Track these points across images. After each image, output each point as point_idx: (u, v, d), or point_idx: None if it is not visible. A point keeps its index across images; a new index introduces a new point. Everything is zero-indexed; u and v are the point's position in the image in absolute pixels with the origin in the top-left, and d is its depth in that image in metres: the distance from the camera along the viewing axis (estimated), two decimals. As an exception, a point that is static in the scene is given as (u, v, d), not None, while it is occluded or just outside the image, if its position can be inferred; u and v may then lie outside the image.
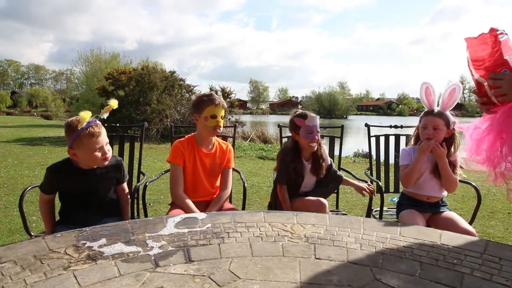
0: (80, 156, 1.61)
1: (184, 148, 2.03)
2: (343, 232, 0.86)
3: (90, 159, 1.61)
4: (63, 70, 68.95)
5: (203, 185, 2.01)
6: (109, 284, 0.63)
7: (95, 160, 1.62)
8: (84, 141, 1.57)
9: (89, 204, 1.68)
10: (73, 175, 1.64)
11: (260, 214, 0.99)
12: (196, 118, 2.00)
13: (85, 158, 1.61)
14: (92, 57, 19.39)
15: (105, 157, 1.65)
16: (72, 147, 1.59)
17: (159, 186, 4.78)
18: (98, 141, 1.60)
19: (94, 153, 1.60)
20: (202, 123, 1.97)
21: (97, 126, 1.61)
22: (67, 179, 1.64)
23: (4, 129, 14.63)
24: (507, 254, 0.75)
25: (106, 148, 1.64)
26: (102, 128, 1.64)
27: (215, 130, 1.97)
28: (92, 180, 1.66)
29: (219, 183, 2.09)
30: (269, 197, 2.30)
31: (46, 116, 27.02)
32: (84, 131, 1.57)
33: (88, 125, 1.59)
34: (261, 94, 78.88)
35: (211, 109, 1.94)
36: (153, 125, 10.83)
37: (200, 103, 1.97)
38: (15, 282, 0.63)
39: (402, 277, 0.66)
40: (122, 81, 11.69)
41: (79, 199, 1.66)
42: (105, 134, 1.65)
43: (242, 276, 0.65)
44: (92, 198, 1.68)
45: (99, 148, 1.61)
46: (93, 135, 1.58)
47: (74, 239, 0.80)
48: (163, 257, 0.73)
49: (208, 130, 1.97)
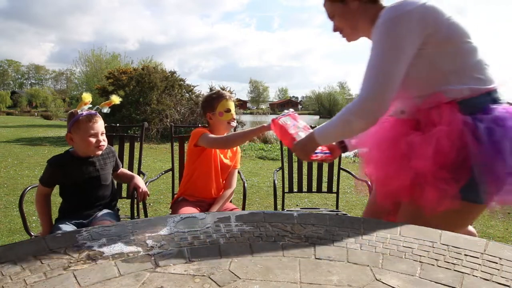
0: (76, 141, 1.72)
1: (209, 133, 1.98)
2: (343, 232, 0.86)
3: (84, 144, 1.71)
4: (63, 70, 68.90)
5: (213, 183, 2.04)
6: (109, 284, 0.63)
7: (89, 145, 1.71)
8: (80, 126, 1.68)
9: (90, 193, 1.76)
10: (73, 165, 1.73)
11: (260, 214, 0.99)
12: (210, 117, 2.02)
13: (80, 143, 1.71)
14: (93, 57, 19.39)
15: (99, 146, 1.73)
16: (70, 131, 1.71)
17: (159, 186, 4.77)
18: (94, 127, 1.70)
19: (89, 138, 1.69)
20: (217, 120, 2.00)
21: (96, 114, 1.73)
22: (68, 169, 1.72)
23: (4, 129, 14.63)
24: (507, 254, 0.75)
25: (101, 137, 1.73)
26: (99, 118, 1.74)
27: (230, 124, 2.01)
28: (92, 168, 1.75)
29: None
30: (269, 197, 2.30)
31: (46, 116, 27.03)
32: (82, 116, 1.69)
33: (87, 113, 1.70)
34: (261, 94, 78.88)
35: (224, 103, 1.98)
36: (153, 125, 10.83)
37: (211, 100, 2.01)
38: (15, 282, 0.63)
39: (402, 277, 0.66)
40: (122, 81, 11.69)
41: (81, 188, 1.73)
42: (102, 125, 1.75)
43: (242, 276, 0.65)
44: (93, 186, 1.76)
45: (93, 134, 1.70)
46: (90, 120, 1.69)
47: (74, 239, 0.80)
48: (163, 257, 0.73)
49: (224, 126, 2.01)
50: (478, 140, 1.05)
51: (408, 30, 1.12)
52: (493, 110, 1.10)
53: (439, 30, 1.13)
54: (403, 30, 1.12)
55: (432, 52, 1.14)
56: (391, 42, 1.14)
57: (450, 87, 1.13)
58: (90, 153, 1.74)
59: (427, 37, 1.13)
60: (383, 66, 1.14)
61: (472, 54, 1.16)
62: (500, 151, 1.03)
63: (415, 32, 1.12)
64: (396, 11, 1.14)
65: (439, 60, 1.14)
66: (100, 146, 1.73)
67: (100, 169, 1.77)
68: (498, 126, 1.06)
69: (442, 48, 1.14)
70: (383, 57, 1.15)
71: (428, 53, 1.14)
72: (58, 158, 1.76)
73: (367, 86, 1.16)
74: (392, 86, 1.13)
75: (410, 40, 1.12)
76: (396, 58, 1.13)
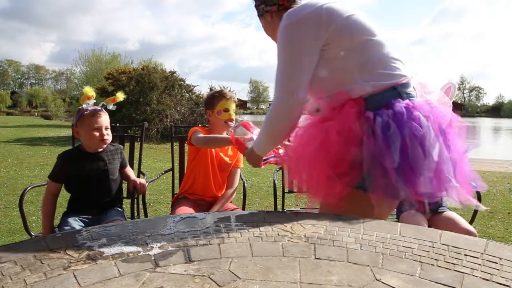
0: (82, 134, 1.80)
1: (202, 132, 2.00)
2: (343, 232, 0.86)
3: (88, 137, 1.78)
4: (63, 70, 68.91)
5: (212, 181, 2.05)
6: (109, 284, 0.63)
7: (92, 138, 1.77)
8: (85, 120, 1.76)
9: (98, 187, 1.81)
10: (82, 159, 1.80)
11: (260, 214, 0.99)
12: (210, 114, 2.06)
13: (85, 136, 1.79)
14: (93, 57, 19.40)
15: (103, 139, 1.79)
16: (76, 125, 1.79)
17: (159, 186, 4.78)
18: (98, 121, 1.77)
19: (93, 132, 1.76)
20: (216, 118, 2.03)
21: (100, 110, 1.81)
22: (77, 162, 1.79)
23: (4, 129, 14.63)
24: (507, 254, 0.75)
25: (105, 131, 1.79)
26: (104, 113, 1.82)
27: (228, 124, 2.02)
28: (101, 163, 1.83)
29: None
30: (269, 197, 2.31)
31: (46, 116, 27.04)
32: (87, 111, 1.77)
33: (93, 108, 1.79)
34: (261, 94, 78.89)
35: (223, 103, 2.01)
36: (153, 125, 10.83)
37: (212, 99, 2.04)
38: (15, 282, 0.63)
39: (402, 277, 0.66)
40: (122, 81, 11.69)
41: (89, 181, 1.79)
42: (106, 120, 1.82)
43: (242, 276, 0.65)
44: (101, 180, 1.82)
45: (97, 128, 1.77)
46: (94, 114, 1.77)
47: (74, 239, 0.80)
48: (163, 257, 0.73)
49: (222, 124, 2.03)
50: (374, 135, 1.07)
51: (305, 34, 1.14)
52: (394, 105, 1.11)
53: (337, 30, 1.14)
54: (300, 35, 1.14)
55: (334, 52, 1.15)
56: (289, 49, 1.17)
57: (354, 85, 1.14)
58: (94, 146, 1.81)
59: (327, 39, 1.14)
60: (287, 72, 1.17)
61: (375, 50, 1.16)
62: (389, 146, 1.04)
63: (311, 35, 1.14)
64: (291, 18, 1.16)
65: (342, 59, 1.15)
66: (104, 139, 1.79)
67: (108, 163, 1.84)
68: (394, 121, 1.07)
69: (344, 47, 1.15)
70: (285, 64, 1.18)
71: (331, 53, 1.16)
72: (67, 152, 1.84)
73: (277, 93, 1.21)
74: (299, 90, 1.16)
75: (308, 43, 1.14)
76: (298, 63, 1.15)
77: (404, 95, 1.15)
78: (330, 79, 1.18)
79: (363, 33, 1.16)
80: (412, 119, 1.07)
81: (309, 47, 1.14)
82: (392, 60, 1.18)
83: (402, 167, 1.04)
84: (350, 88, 1.15)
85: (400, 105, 1.11)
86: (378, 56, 1.16)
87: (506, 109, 71.32)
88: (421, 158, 1.04)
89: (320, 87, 1.22)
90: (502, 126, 34.74)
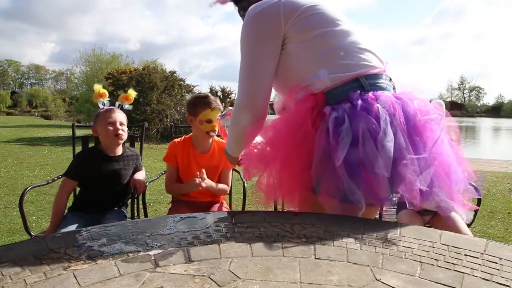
0: (99, 131, 1.85)
1: (177, 149, 2.02)
2: (343, 232, 0.86)
3: (104, 132, 1.83)
4: (63, 70, 68.91)
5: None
6: (109, 284, 0.63)
7: (107, 133, 1.82)
8: (101, 117, 1.84)
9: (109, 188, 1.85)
10: (100, 160, 1.84)
11: (260, 214, 0.99)
12: (191, 120, 1.95)
13: (101, 131, 1.84)
14: (94, 57, 19.38)
15: (118, 134, 1.83)
16: (95, 125, 1.87)
17: (159, 186, 4.78)
18: (112, 116, 1.83)
19: (107, 127, 1.81)
20: (197, 127, 1.93)
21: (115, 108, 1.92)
22: (95, 163, 1.83)
23: (4, 129, 14.62)
24: (507, 254, 0.75)
25: (119, 126, 1.84)
26: (119, 110, 1.89)
27: (209, 135, 1.94)
28: (116, 165, 1.87)
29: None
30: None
31: (46, 116, 27.05)
32: (103, 109, 1.86)
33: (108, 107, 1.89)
34: (261, 94, 78.69)
35: (207, 113, 1.89)
36: (153, 125, 10.83)
37: (195, 105, 1.92)
38: (15, 282, 0.63)
39: (402, 277, 0.66)
40: (122, 81, 11.69)
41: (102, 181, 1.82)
42: (122, 116, 1.88)
43: (242, 276, 0.65)
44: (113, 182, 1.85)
45: (111, 123, 1.82)
46: (108, 110, 1.85)
47: (74, 239, 0.80)
48: (163, 257, 0.73)
49: (203, 134, 1.94)
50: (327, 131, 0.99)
51: (265, 31, 1.09)
52: (352, 99, 1.02)
53: (296, 23, 1.08)
54: (260, 33, 1.10)
55: (294, 46, 1.10)
56: (249, 46, 1.13)
57: (313, 79, 1.07)
58: (110, 143, 1.85)
59: (287, 32, 1.09)
60: (247, 71, 1.13)
61: (336, 41, 1.09)
62: (338, 142, 0.96)
63: (269, 31, 1.09)
64: (249, 15, 1.12)
65: (301, 53, 1.09)
66: (118, 134, 1.82)
67: (123, 169, 1.88)
68: (348, 116, 0.98)
69: (303, 38, 1.09)
70: (245, 63, 1.13)
71: (291, 47, 1.10)
72: (85, 149, 1.91)
73: (238, 94, 1.17)
74: (260, 89, 1.12)
75: (266, 39, 1.10)
76: (257, 60, 1.11)
77: (367, 87, 1.04)
78: (292, 74, 1.13)
79: (323, 24, 1.09)
80: (368, 112, 0.97)
81: (267, 43, 1.10)
82: (357, 50, 1.09)
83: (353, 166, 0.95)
84: (311, 83, 1.08)
85: (358, 96, 1.01)
86: (340, 46, 1.08)
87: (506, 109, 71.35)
88: (375, 155, 0.93)
89: (284, 84, 1.17)
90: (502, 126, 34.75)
